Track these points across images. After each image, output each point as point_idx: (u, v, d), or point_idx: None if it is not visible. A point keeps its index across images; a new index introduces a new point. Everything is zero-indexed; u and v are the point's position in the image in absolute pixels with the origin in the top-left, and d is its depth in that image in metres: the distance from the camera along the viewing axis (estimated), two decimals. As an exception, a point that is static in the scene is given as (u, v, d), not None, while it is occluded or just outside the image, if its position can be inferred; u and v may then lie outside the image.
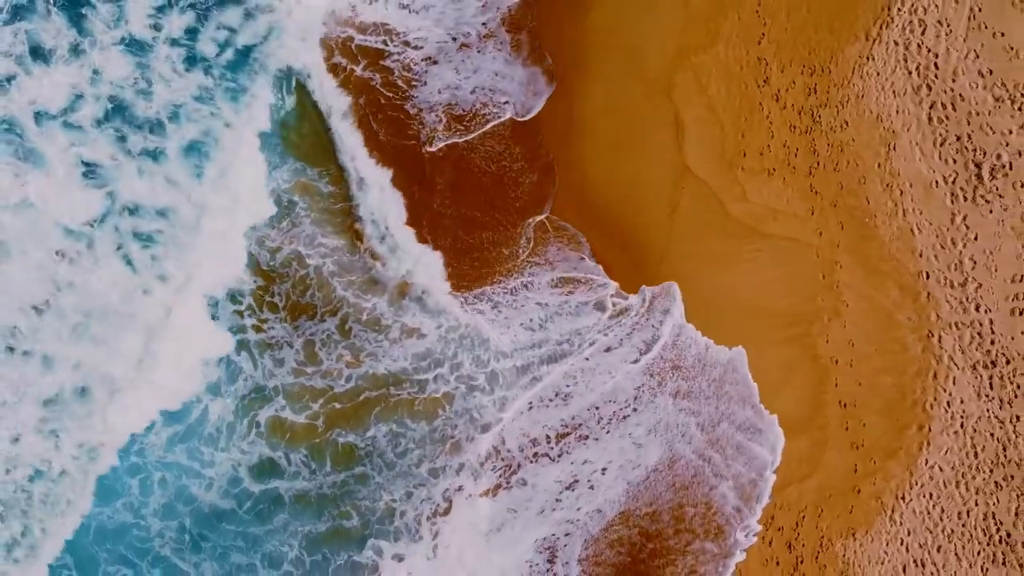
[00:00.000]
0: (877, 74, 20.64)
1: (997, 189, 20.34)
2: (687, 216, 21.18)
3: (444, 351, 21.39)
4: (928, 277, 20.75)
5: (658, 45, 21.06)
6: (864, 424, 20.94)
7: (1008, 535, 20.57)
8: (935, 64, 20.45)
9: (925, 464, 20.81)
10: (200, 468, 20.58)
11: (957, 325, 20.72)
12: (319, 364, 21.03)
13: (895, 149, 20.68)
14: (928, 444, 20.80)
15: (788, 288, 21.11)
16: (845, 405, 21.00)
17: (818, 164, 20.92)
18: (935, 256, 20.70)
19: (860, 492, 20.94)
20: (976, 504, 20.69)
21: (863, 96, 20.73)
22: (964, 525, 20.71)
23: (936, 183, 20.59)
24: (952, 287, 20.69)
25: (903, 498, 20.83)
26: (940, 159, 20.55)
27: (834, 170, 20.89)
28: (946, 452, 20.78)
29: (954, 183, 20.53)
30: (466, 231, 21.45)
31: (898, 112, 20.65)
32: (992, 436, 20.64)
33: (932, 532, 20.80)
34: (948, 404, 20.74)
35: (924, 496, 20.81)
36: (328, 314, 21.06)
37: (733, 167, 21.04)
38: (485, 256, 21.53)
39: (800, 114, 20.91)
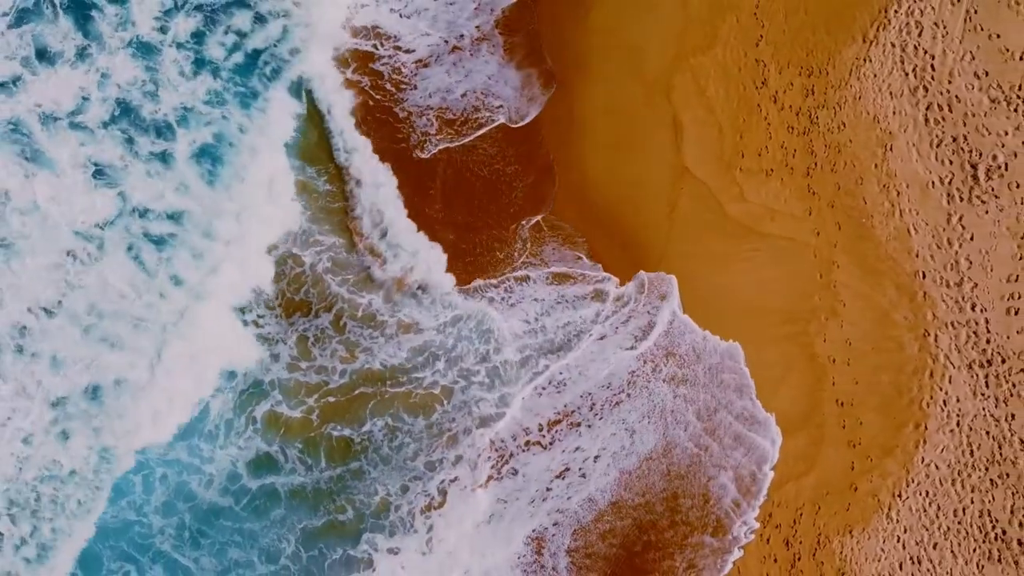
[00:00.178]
0: (874, 76, 20.74)
1: (993, 190, 20.43)
2: (686, 216, 21.23)
3: (443, 344, 21.28)
4: (924, 277, 20.82)
5: (658, 46, 21.13)
6: (861, 422, 20.96)
7: (1003, 532, 20.58)
8: (932, 66, 20.54)
9: (921, 462, 20.82)
10: (200, 464, 20.58)
11: (953, 324, 20.78)
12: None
13: (892, 150, 20.77)
14: (924, 442, 20.82)
15: (786, 287, 21.14)
16: (842, 403, 21.02)
17: (815, 165, 20.99)
18: (931, 256, 20.76)
19: (857, 490, 20.92)
20: (972, 502, 20.70)
21: (860, 97, 20.82)
22: (960, 522, 20.71)
23: (932, 184, 20.67)
24: (948, 287, 20.76)
25: (900, 496, 20.83)
26: (936, 160, 20.64)
27: (831, 171, 20.96)
28: (942, 450, 20.81)
29: (950, 184, 20.62)
30: (461, 235, 21.38)
31: (895, 113, 20.74)
32: (988, 434, 20.68)
33: (928, 529, 20.79)
34: (944, 402, 20.77)
35: (920, 494, 20.81)
36: (324, 310, 21.04)
37: (731, 168, 21.11)
38: (479, 261, 21.46)
39: (798, 115, 20.99)
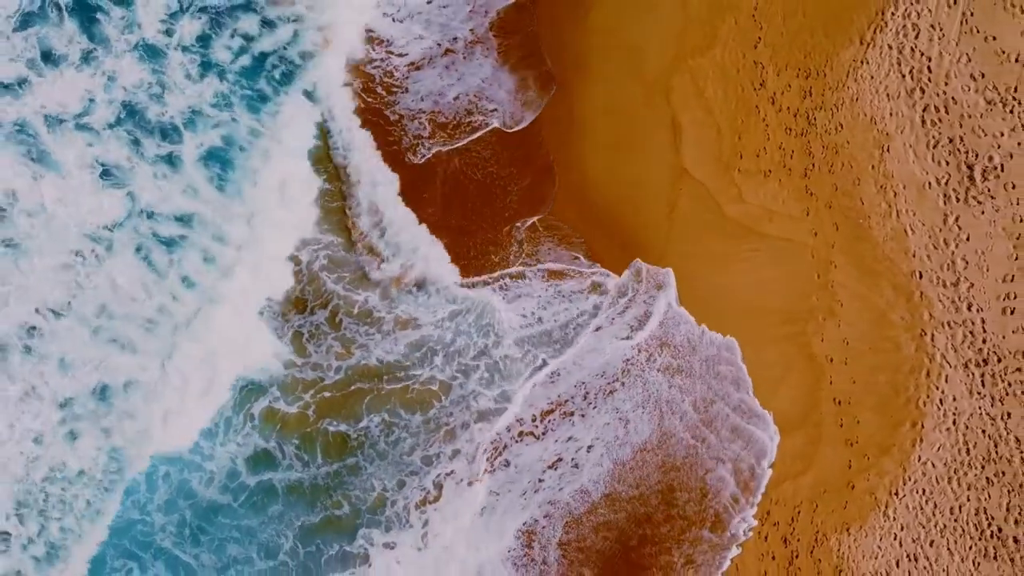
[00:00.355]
0: (871, 77, 20.82)
1: (989, 191, 20.51)
2: (685, 216, 21.29)
3: (441, 339, 21.28)
4: (921, 277, 20.89)
5: (657, 46, 21.20)
6: (858, 421, 21.01)
7: (999, 530, 20.63)
8: (928, 68, 20.63)
9: (918, 460, 20.87)
10: (201, 461, 20.64)
11: (950, 324, 20.85)
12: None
13: (889, 151, 20.85)
14: (921, 441, 20.87)
15: (784, 287, 21.20)
16: (840, 402, 21.08)
17: (813, 166, 21.06)
18: (928, 256, 20.84)
19: (854, 488, 20.96)
20: (968, 500, 20.74)
21: (858, 99, 20.89)
22: (956, 520, 20.76)
23: (929, 185, 20.75)
24: (945, 287, 20.84)
25: (896, 494, 20.87)
26: (933, 161, 20.71)
27: (829, 172, 21.03)
28: (939, 448, 20.86)
29: (947, 185, 20.69)
30: (455, 238, 21.39)
31: (892, 115, 20.82)
32: (984, 433, 20.73)
33: (925, 527, 20.84)
34: (941, 401, 20.82)
35: (917, 492, 20.85)
36: (319, 307, 21.08)
37: (730, 169, 21.18)
38: (474, 264, 21.45)
39: (796, 117, 21.06)
